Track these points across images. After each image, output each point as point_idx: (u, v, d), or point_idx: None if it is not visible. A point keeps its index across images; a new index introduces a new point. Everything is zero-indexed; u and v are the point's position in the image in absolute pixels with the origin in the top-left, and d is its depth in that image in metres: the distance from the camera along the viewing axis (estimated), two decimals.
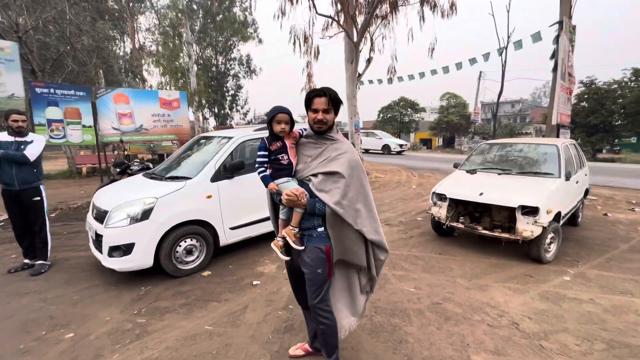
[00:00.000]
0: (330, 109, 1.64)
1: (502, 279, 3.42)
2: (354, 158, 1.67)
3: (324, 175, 1.61)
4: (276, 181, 1.67)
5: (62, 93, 6.39)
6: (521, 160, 4.73)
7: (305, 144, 1.77)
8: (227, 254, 4.04)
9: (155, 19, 22.74)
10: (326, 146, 1.69)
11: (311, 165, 1.67)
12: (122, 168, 6.30)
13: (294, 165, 1.71)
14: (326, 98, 1.60)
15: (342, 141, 1.73)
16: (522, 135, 33.01)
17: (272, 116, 1.68)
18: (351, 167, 1.63)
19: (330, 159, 1.64)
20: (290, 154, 1.70)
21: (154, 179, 3.75)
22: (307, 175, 1.66)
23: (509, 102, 51.13)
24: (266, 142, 1.72)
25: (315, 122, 1.65)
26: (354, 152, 1.70)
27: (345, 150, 1.67)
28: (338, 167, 1.60)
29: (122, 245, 3.08)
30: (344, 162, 1.62)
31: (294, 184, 1.66)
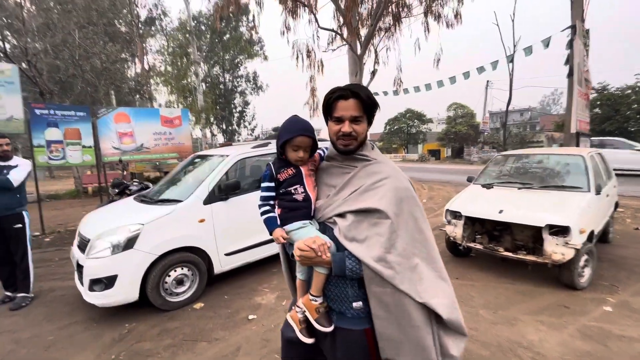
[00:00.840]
0: (362, 117, 1.11)
1: (533, 311, 2.99)
2: (402, 185, 1.10)
3: (356, 214, 1.07)
4: (286, 227, 1.16)
5: (62, 114, 6.32)
6: (543, 173, 4.33)
7: (327, 169, 1.24)
8: (222, 282, 3.71)
9: (164, 41, 23.38)
10: (357, 170, 1.16)
11: (336, 200, 1.14)
12: (121, 188, 6.11)
13: (313, 200, 1.18)
14: (355, 101, 1.08)
15: (381, 161, 1.18)
16: (534, 144, 32.21)
17: (287, 139, 1.15)
18: (398, 199, 1.06)
19: (364, 189, 1.10)
20: (307, 184, 1.18)
21: (144, 202, 3.50)
22: (330, 215, 1.13)
23: (517, 110, 50.41)
24: (272, 170, 1.19)
25: (340, 136, 1.12)
26: (400, 175, 1.14)
27: (386, 175, 1.11)
28: (377, 202, 1.05)
29: (103, 278, 2.79)
30: (386, 193, 1.06)
31: (311, 230, 1.14)
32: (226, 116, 27.12)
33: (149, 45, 22.94)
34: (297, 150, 1.16)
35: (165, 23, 23.24)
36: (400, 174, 1.14)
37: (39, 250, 5.18)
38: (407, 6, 9.65)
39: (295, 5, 8.50)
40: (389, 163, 1.18)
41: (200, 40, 23.84)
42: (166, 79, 22.26)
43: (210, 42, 25.07)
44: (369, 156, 1.18)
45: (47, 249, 5.29)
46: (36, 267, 4.43)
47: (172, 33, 22.80)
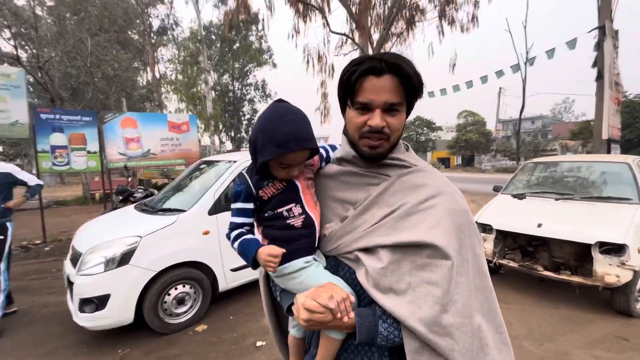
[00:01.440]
0: (401, 104, 0.74)
1: (585, 343, 2.56)
2: (460, 205, 0.77)
3: (393, 251, 0.72)
4: (283, 267, 0.80)
5: (68, 119, 6.16)
6: (582, 182, 3.91)
7: (338, 177, 0.87)
8: (228, 300, 3.37)
9: (175, 49, 23.68)
10: (389, 182, 0.80)
11: (358, 226, 0.78)
12: (125, 195, 5.88)
13: (317, 224, 0.82)
14: (393, 79, 0.72)
15: (423, 168, 0.82)
16: (547, 153, 31.35)
17: (272, 156, 0.75)
18: (457, 227, 0.73)
19: (405, 212, 0.75)
20: (306, 201, 0.83)
21: (145, 212, 3.20)
22: (349, 248, 0.78)
23: (529, 118, 49.49)
24: (249, 183, 0.82)
25: (365, 133, 0.76)
26: (453, 191, 0.79)
27: (436, 190, 0.77)
28: (429, 232, 0.71)
29: (94, 298, 2.47)
30: (440, 219, 0.73)
31: (318, 271, 0.79)
32: (235, 124, 27.22)
33: (161, 54, 23.30)
34: (288, 168, 0.79)
35: (176, 33, 23.61)
36: (454, 189, 0.79)
37: (37, 261, 4.94)
38: (421, 10, 9.41)
39: (306, 9, 8.33)
40: (434, 172, 0.82)
41: (211, 49, 24.06)
42: (176, 87, 22.45)
43: (220, 51, 25.29)
44: (407, 161, 0.81)
45: (45, 258, 5.04)
46: (31, 280, 4.20)
47: (184, 42, 23.09)
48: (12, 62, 9.86)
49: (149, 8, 21.44)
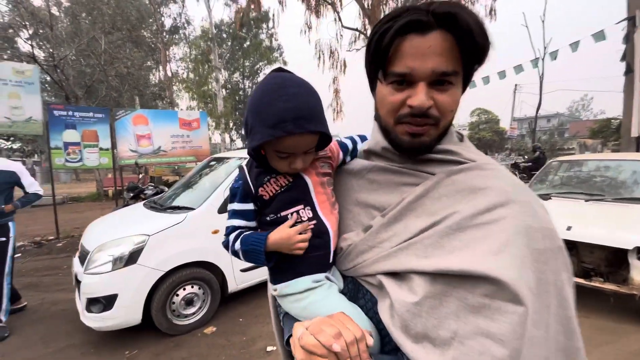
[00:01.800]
0: (456, 74, 0.53)
1: (622, 356, 2.35)
2: (540, 222, 0.52)
3: (434, 280, 0.51)
4: (280, 286, 0.67)
5: (81, 115, 6.19)
6: (612, 182, 3.66)
7: (364, 175, 0.69)
8: (237, 302, 3.28)
9: (187, 48, 23.88)
10: (433, 182, 0.58)
11: (385, 240, 0.59)
12: (136, 192, 5.89)
13: (333, 233, 0.66)
14: (446, 36, 0.51)
15: (484, 165, 0.59)
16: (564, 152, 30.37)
17: (266, 140, 0.58)
18: (536, 255, 0.49)
19: (455, 226, 0.52)
20: (319, 203, 0.67)
21: (153, 209, 3.13)
22: (371, 270, 0.59)
23: (545, 116, 48.09)
24: (248, 179, 0.67)
25: (405, 117, 0.56)
26: (530, 198, 0.55)
27: (504, 197, 0.53)
28: (490, 259, 0.48)
29: (101, 298, 2.40)
30: (508, 240, 0.49)
31: (329, 295, 0.63)
32: None
33: (172, 52, 23.53)
34: (288, 158, 0.62)
35: (188, 31, 23.80)
36: (531, 197, 0.55)
37: (49, 257, 4.97)
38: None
39: (318, 4, 8.17)
40: (501, 170, 0.58)
41: (222, 47, 24.15)
42: (187, 85, 22.65)
43: (231, 49, 25.36)
44: (460, 154, 0.60)
45: (57, 255, 5.06)
46: (42, 276, 4.20)
47: (195, 41, 23.25)
48: (28, 60, 10.04)
49: (162, 7, 21.67)
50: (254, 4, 9.00)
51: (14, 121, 5.50)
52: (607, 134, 21.91)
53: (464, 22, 0.49)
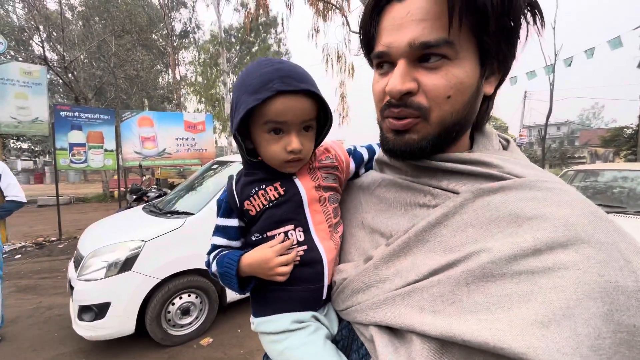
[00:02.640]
0: (449, 44, 0.39)
1: None
2: (628, 278, 0.32)
3: (442, 350, 0.36)
4: (258, 321, 0.57)
5: (87, 116, 6.20)
6: (635, 195, 3.47)
7: (372, 191, 0.56)
8: (236, 312, 3.15)
9: (196, 52, 24.18)
10: (457, 204, 0.42)
11: (384, 279, 0.44)
12: (139, 195, 5.85)
13: (327, 261, 0.54)
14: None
15: (538, 184, 0.40)
16: (575, 160, 29.80)
17: (254, 104, 0.48)
18: (622, 334, 0.30)
19: (480, 272, 0.36)
20: (314, 222, 0.55)
21: (152, 214, 3.04)
22: (362, 317, 0.45)
23: (554, 124, 47.46)
24: (234, 191, 0.57)
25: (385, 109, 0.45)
26: (611, 236, 0.34)
27: (570, 234, 0.34)
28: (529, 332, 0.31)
29: (93, 306, 2.30)
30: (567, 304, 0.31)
31: (314, 342, 0.50)
32: None
33: (182, 56, 23.84)
34: (282, 132, 0.51)
35: (198, 36, 24.12)
36: (617, 234, 0.35)
37: (49, 258, 4.91)
38: None
39: (326, 8, 8.15)
40: (564, 191, 0.39)
41: (230, 51, 24.40)
42: (196, 88, 22.88)
43: (239, 53, 25.61)
44: (498, 166, 0.43)
45: (57, 256, 5.01)
46: (41, 278, 4.13)
47: (204, 45, 23.53)
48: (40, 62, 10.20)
49: (173, 12, 22.02)
50: (263, 9, 9.02)
51: (20, 121, 5.51)
52: (620, 143, 21.44)
53: None
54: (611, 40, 6.10)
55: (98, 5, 13.08)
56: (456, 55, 0.39)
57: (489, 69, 0.43)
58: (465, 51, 0.40)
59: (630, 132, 19.10)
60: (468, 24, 0.38)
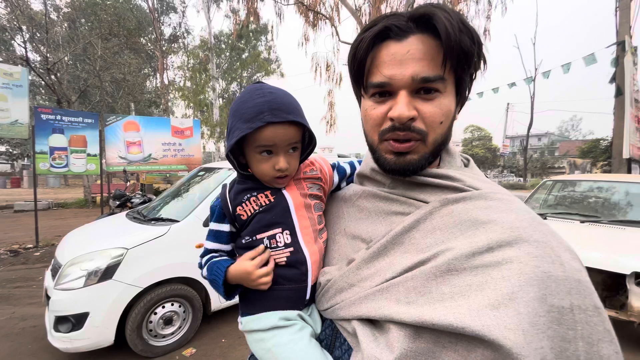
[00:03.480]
0: (442, 80, 0.47)
1: None
2: (561, 269, 0.40)
3: (417, 335, 0.42)
4: (246, 320, 0.60)
5: (69, 120, 6.05)
6: (608, 204, 3.63)
7: (355, 202, 0.61)
8: (220, 320, 3.10)
9: (185, 57, 24.03)
10: (426, 211, 0.50)
11: (366, 277, 0.50)
12: (122, 200, 5.71)
13: (311, 263, 0.58)
14: (424, 40, 0.46)
15: (489, 194, 0.49)
16: (555, 170, 30.89)
17: (246, 133, 0.55)
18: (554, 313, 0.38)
19: (445, 267, 0.43)
20: (300, 228, 0.60)
21: (136, 221, 2.98)
22: (345, 313, 0.50)
23: (535, 135, 49.22)
24: (227, 198, 0.62)
25: (386, 131, 0.49)
26: (547, 236, 0.43)
27: (513, 234, 0.42)
28: (485, 314, 0.38)
29: (70, 316, 2.22)
30: (513, 290, 0.38)
31: (300, 339, 0.54)
32: None
33: (170, 60, 23.65)
34: (271, 157, 0.58)
35: (187, 41, 24.01)
36: (550, 235, 0.44)
37: (24, 266, 4.71)
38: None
39: (316, 18, 8.28)
40: (511, 201, 0.49)
41: (220, 57, 24.35)
42: (184, 93, 22.67)
43: (229, 59, 25.58)
44: (461, 180, 0.51)
45: (33, 264, 4.81)
46: (15, 287, 3.96)
47: (193, 50, 23.42)
48: (22, 63, 9.91)
49: (162, 16, 21.90)
50: (253, 16, 9.09)
51: None
52: (597, 154, 22.39)
53: (441, 21, 0.44)
54: (586, 57, 6.43)
55: (85, 7, 12.87)
56: (445, 89, 0.48)
57: (459, 100, 0.52)
58: (450, 85, 0.48)
59: (605, 144, 19.99)
60: (454, 64, 0.46)
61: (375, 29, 0.48)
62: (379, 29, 0.47)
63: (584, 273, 0.42)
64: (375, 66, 0.49)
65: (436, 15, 0.44)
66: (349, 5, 8.44)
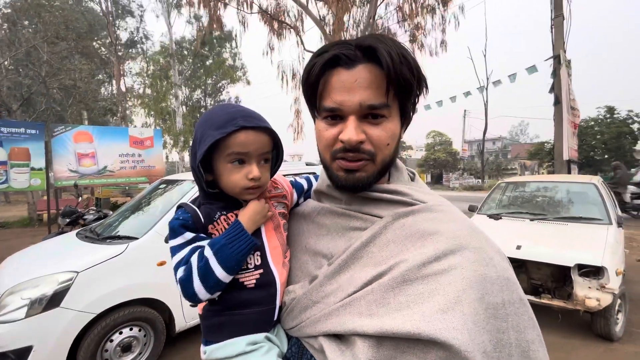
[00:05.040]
0: (387, 107, 0.51)
1: None
2: (495, 271, 0.46)
3: (380, 345, 0.45)
4: (211, 348, 0.56)
5: (9, 131, 5.48)
6: (553, 203, 3.98)
7: (314, 218, 0.64)
8: (186, 341, 2.93)
9: (144, 63, 22.92)
10: (380, 225, 0.54)
11: (329, 293, 0.52)
12: (73, 218, 5.24)
13: (279, 285, 0.59)
14: (372, 69, 0.50)
15: (433, 207, 0.55)
16: (509, 171, 33.48)
17: (218, 137, 0.54)
18: (491, 311, 0.44)
19: (401, 278, 0.46)
20: (270, 249, 0.60)
21: (88, 240, 2.75)
22: (314, 330, 0.51)
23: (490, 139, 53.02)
24: (196, 211, 0.58)
25: (338, 152, 0.53)
26: (483, 243, 0.49)
27: (454, 243, 0.48)
28: (437, 319, 0.42)
29: (10, 352, 1.98)
30: (458, 294, 0.43)
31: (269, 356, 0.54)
32: None
33: (128, 67, 22.42)
34: (244, 163, 0.57)
35: (146, 46, 22.96)
36: (485, 241, 0.50)
37: None
38: (392, 34, 9.78)
39: (281, 27, 8.32)
40: (453, 212, 0.55)
41: (182, 64, 23.54)
42: (144, 101, 21.53)
43: (192, 66, 24.82)
44: (409, 195, 0.56)
45: None
46: None
47: (153, 56, 22.42)
48: None
49: (117, 20, 20.76)
50: (216, 24, 8.92)
51: None
52: (542, 156, 24.59)
53: (383, 54, 0.48)
54: (528, 68, 7.09)
55: (27, 8, 11.84)
56: (390, 114, 0.52)
57: (404, 121, 0.57)
58: (394, 110, 0.53)
59: (549, 146, 22.04)
60: (397, 92, 0.51)
61: (326, 56, 0.51)
62: (329, 56, 0.51)
63: (511, 271, 0.49)
64: (327, 91, 0.53)
65: (379, 49, 0.48)
66: (313, 15, 8.60)
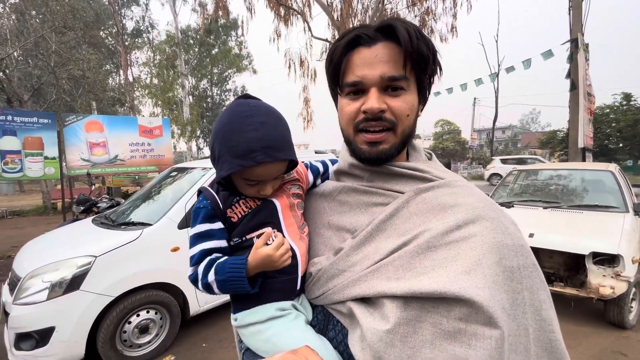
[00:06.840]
0: (406, 80, 0.55)
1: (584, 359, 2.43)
2: (511, 239, 0.51)
3: (407, 304, 0.48)
4: (241, 315, 0.61)
5: (22, 120, 5.56)
6: (568, 191, 3.90)
7: (335, 196, 0.67)
8: (200, 325, 3.01)
9: (151, 52, 22.86)
10: (403, 199, 0.57)
11: (356, 263, 0.56)
12: (87, 206, 5.35)
13: (302, 258, 0.62)
14: (391, 46, 0.54)
15: (452, 182, 0.59)
16: None
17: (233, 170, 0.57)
18: (508, 273, 0.48)
19: (425, 245, 0.51)
20: (287, 227, 0.64)
21: (104, 226, 2.81)
22: (341, 296, 0.55)
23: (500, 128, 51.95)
24: (217, 199, 0.63)
25: (361, 122, 0.57)
26: (500, 215, 0.54)
27: (473, 214, 0.52)
28: (462, 279, 0.46)
29: (34, 332, 2.06)
30: (479, 258, 0.48)
31: (295, 326, 0.58)
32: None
33: (135, 56, 22.41)
34: (257, 185, 0.62)
35: (152, 36, 22.86)
36: (501, 213, 0.54)
37: None
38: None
39: (287, 13, 8.16)
40: (470, 187, 0.59)
41: (189, 53, 23.41)
42: (151, 91, 21.57)
43: (199, 55, 24.67)
44: (429, 172, 0.60)
45: None
46: None
47: (159, 46, 22.33)
48: None
49: (123, 9, 20.66)
50: (222, 11, 8.80)
51: None
52: (554, 144, 24.04)
53: (402, 31, 0.53)
54: (544, 53, 6.85)
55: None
56: (408, 87, 0.56)
57: (421, 99, 0.61)
58: (412, 85, 0.57)
59: (562, 134, 21.50)
60: (414, 66, 0.55)
61: (348, 37, 0.57)
62: (351, 37, 0.56)
63: (525, 240, 0.53)
64: (349, 68, 0.57)
65: (397, 26, 0.53)
66: (321, 1, 8.40)
